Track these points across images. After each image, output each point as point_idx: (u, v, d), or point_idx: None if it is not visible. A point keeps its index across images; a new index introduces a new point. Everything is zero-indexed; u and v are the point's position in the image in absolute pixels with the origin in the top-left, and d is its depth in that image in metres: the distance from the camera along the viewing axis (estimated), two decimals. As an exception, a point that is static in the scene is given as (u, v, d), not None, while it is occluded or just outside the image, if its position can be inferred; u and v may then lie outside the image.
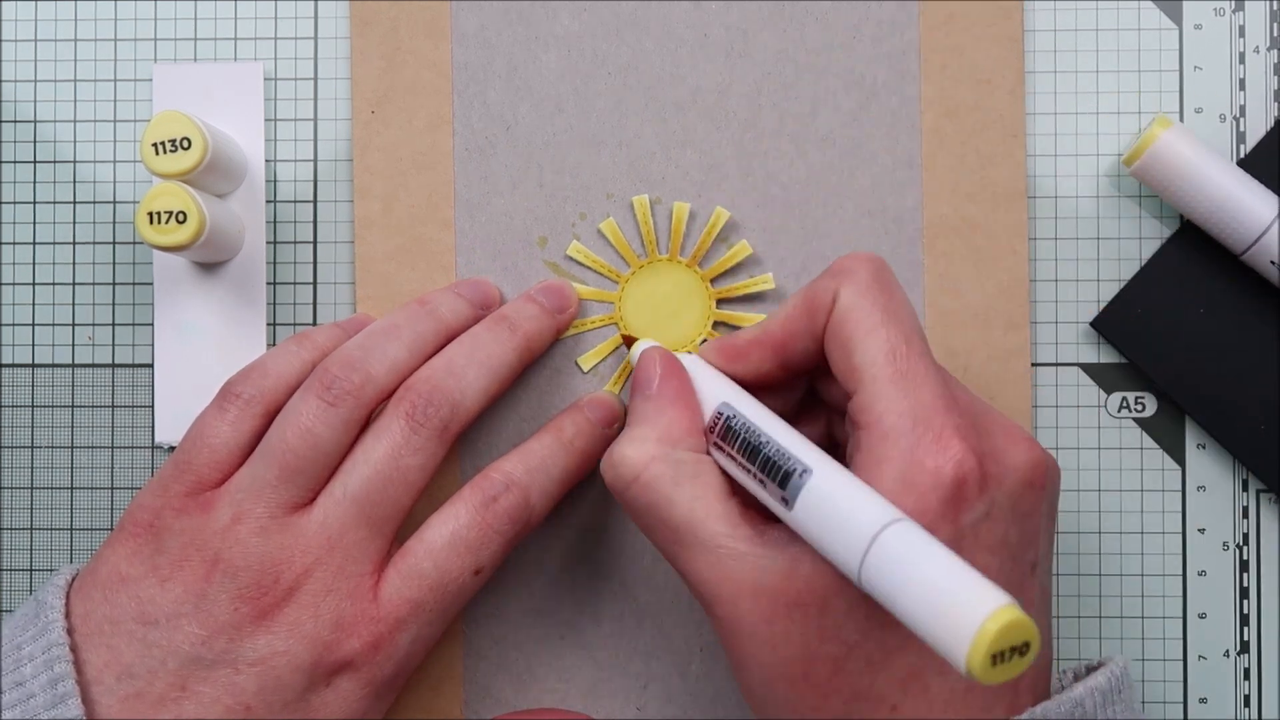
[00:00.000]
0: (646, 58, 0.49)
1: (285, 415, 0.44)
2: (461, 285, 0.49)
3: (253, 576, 0.42)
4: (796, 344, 0.43)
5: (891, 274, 0.42)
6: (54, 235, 0.51)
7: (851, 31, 0.49)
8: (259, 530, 0.43)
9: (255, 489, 0.43)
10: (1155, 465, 0.50)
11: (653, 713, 0.49)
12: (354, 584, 0.43)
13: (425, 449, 0.44)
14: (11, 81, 0.51)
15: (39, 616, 0.43)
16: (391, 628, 0.43)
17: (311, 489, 0.44)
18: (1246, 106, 0.50)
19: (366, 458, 0.44)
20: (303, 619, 0.43)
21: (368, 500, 0.43)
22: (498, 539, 0.45)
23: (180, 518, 0.43)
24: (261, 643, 0.42)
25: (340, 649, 0.43)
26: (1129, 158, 0.48)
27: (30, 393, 0.51)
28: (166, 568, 0.43)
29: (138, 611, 0.42)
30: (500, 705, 0.49)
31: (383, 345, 0.45)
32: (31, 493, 0.51)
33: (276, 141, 0.51)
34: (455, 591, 0.44)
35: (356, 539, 0.43)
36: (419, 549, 0.44)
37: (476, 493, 0.45)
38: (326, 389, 0.44)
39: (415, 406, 0.44)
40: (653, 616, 0.50)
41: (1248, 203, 0.47)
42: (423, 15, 0.50)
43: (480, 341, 0.46)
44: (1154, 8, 0.50)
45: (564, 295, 0.49)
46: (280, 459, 0.43)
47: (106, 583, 0.43)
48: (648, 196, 0.49)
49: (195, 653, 0.42)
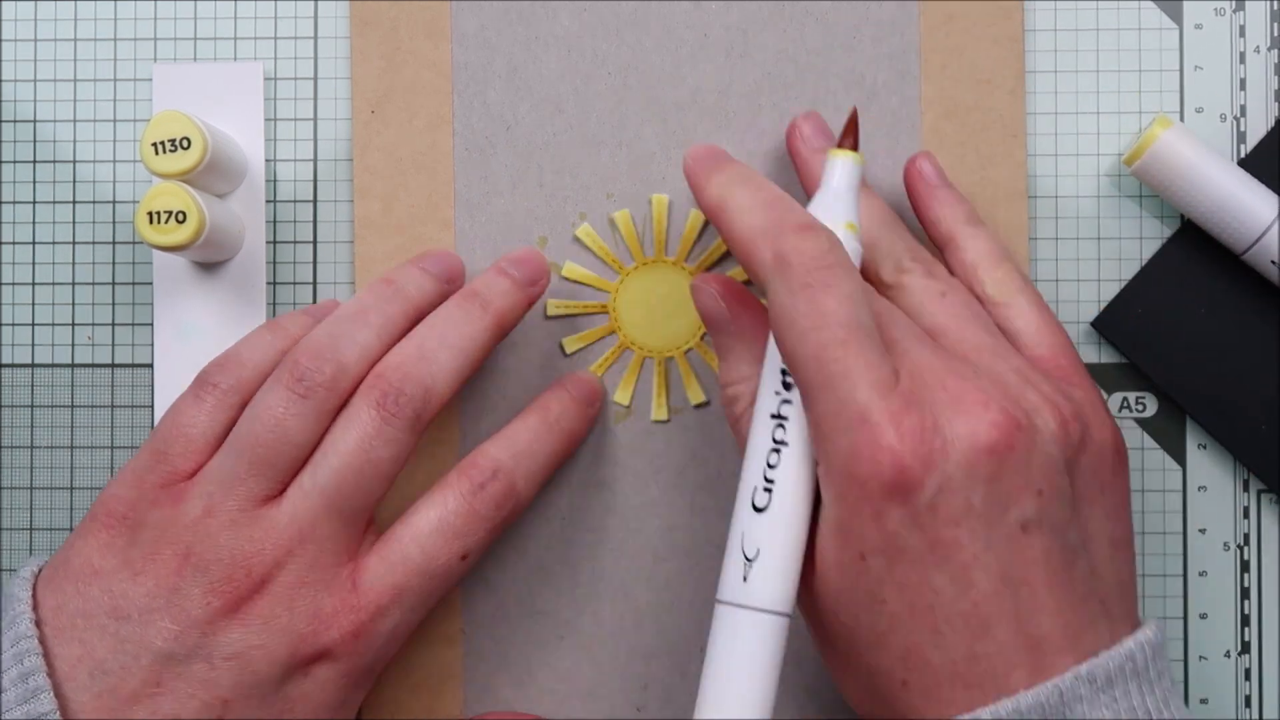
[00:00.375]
0: (646, 58, 0.49)
1: (255, 407, 0.43)
2: (426, 259, 0.47)
3: (224, 570, 0.42)
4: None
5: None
6: (54, 235, 0.51)
7: (852, 32, 0.49)
8: (229, 523, 0.42)
9: (225, 482, 0.43)
10: (1156, 465, 0.50)
11: (652, 713, 0.49)
12: (329, 575, 0.43)
13: (397, 440, 0.43)
14: (11, 81, 0.51)
15: (6, 610, 0.42)
16: (373, 615, 0.43)
17: (282, 481, 0.43)
18: (1247, 106, 0.50)
19: (336, 449, 0.43)
20: (276, 611, 0.42)
21: (338, 493, 0.43)
22: (485, 525, 0.45)
23: (153, 509, 0.43)
24: (235, 636, 0.42)
25: (319, 639, 0.43)
26: (1129, 157, 0.48)
27: (30, 393, 0.51)
28: (139, 561, 0.42)
29: (110, 605, 0.42)
30: (500, 705, 0.49)
31: (351, 332, 0.44)
32: (31, 493, 0.51)
33: (276, 141, 0.51)
34: (441, 577, 0.44)
35: (329, 531, 0.43)
36: (405, 534, 0.44)
37: (463, 479, 0.45)
38: (297, 380, 0.43)
39: (386, 395, 0.43)
40: (653, 617, 0.50)
41: (1248, 202, 0.47)
42: (423, 15, 0.50)
43: (452, 322, 0.45)
44: (1154, 8, 0.50)
45: (536, 266, 0.48)
46: (251, 451, 0.43)
47: (79, 575, 0.43)
48: (668, 196, 0.49)
49: (168, 648, 0.42)
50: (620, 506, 0.50)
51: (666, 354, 0.50)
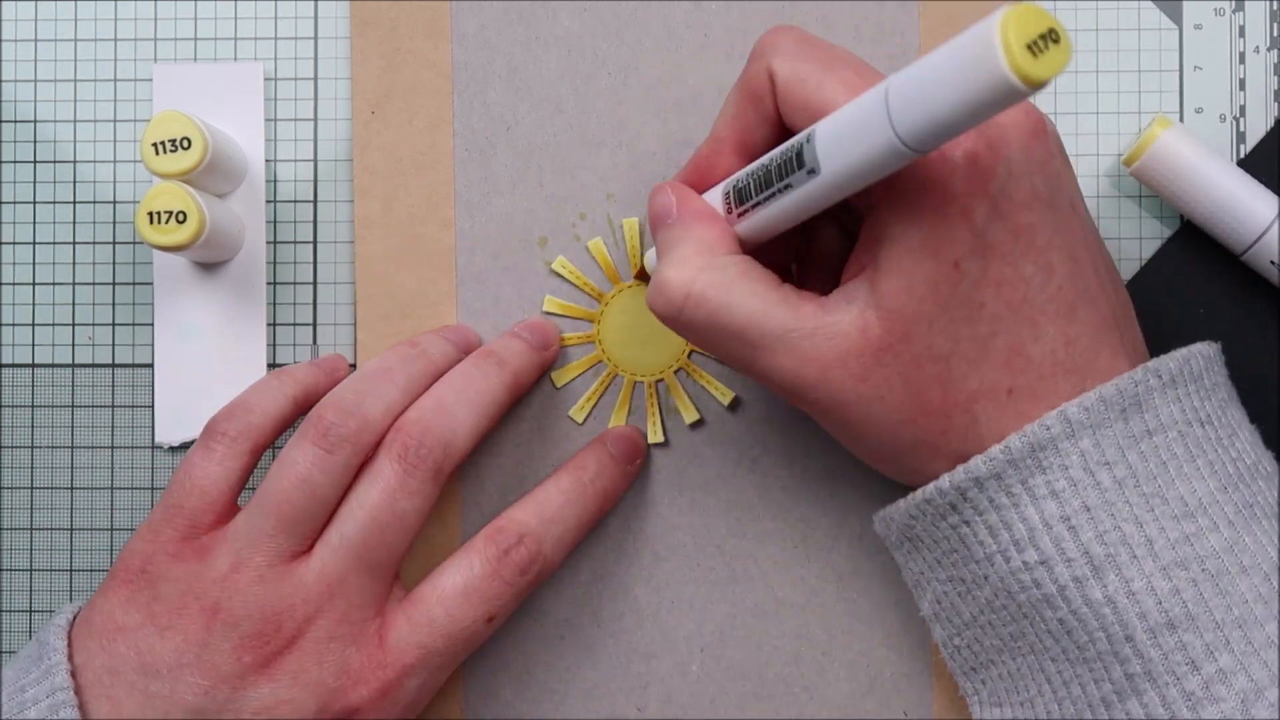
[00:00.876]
0: (647, 58, 0.49)
1: (281, 464, 0.43)
2: (446, 330, 0.49)
3: (254, 625, 0.42)
4: (754, 135, 0.43)
5: (810, 33, 0.42)
6: (54, 235, 0.51)
7: (851, 32, 0.49)
8: (258, 579, 0.42)
9: (253, 538, 0.43)
10: (1155, 465, 0.50)
11: (653, 713, 0.49)
12: (358, 630, 0.43)
13: (420, 491, 0.43)
14: (11, 81, 0.51)
15: (42, 659, 0.42)
16: (400, 674, 0.43)
17: (309, 537, 0.43)
18: (1246, 106, 0.50)
19: (361, 503, 0.43)
20: (306, 666, 0.42)
21: (365, 546, 0.43)
22: (510, 590, 0.45)
23: (175, 564, 0.43)
24: (265, 691, 0.42)
25: (347, 696, 0.43)
26: (1129, 158, 0.48)
27: (30, 393, 0.51)
28: (164, 616, 0.42)
29: (138, 662, 0.42)
30: (500, 704, 0.49)
31: (377, 388, 0.45)
32: (31, 493, 0.51)
33: (276, 141, 0.51)
34: (466, 639, 0.44)
35: (357, 585, 0.43)
36: (430, 596, 0.44)
37: (490, 544, 0.45)
38: (323, 435, 0.43)
39: (408, 448, 0.43)
40: (653, 617, 0.50)
41: (1248, 203, 0.47)
42: (423, 15, 0.49)
43: (469, 379, 0.46)
44: (1154, 8, 0.50)
45: (547, 332, 0.49)
46: (278, 509, 0.43)
47: (102, 632, 0.43)
48: (638, 219, 0.49)
49: (198, 703, 0.42)
50: (620, 506, 0.50)
51: (656, 376, 0.50)
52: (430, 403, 0.45)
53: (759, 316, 0.40)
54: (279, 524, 0.43)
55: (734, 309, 0.41)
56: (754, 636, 0.49)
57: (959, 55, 0.33)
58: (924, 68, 0.34)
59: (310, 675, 0.42)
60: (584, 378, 0.50)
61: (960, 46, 0.33)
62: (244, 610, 0.42)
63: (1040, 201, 0.39)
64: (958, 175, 0.38)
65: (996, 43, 0.32)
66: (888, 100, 0.35)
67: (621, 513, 0.50)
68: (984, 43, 0.32)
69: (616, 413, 0.50)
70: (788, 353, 0.40)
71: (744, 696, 0.49)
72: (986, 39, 0.32)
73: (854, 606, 0.49)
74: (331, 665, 0.43)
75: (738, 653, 0.49)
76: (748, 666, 0.49)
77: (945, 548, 0.42)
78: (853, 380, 0.40)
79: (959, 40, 0.33)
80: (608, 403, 0.50)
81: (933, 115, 0.34)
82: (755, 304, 0.41)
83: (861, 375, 0.40)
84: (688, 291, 0.41)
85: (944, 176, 0.38)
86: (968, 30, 0.33)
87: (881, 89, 0.36)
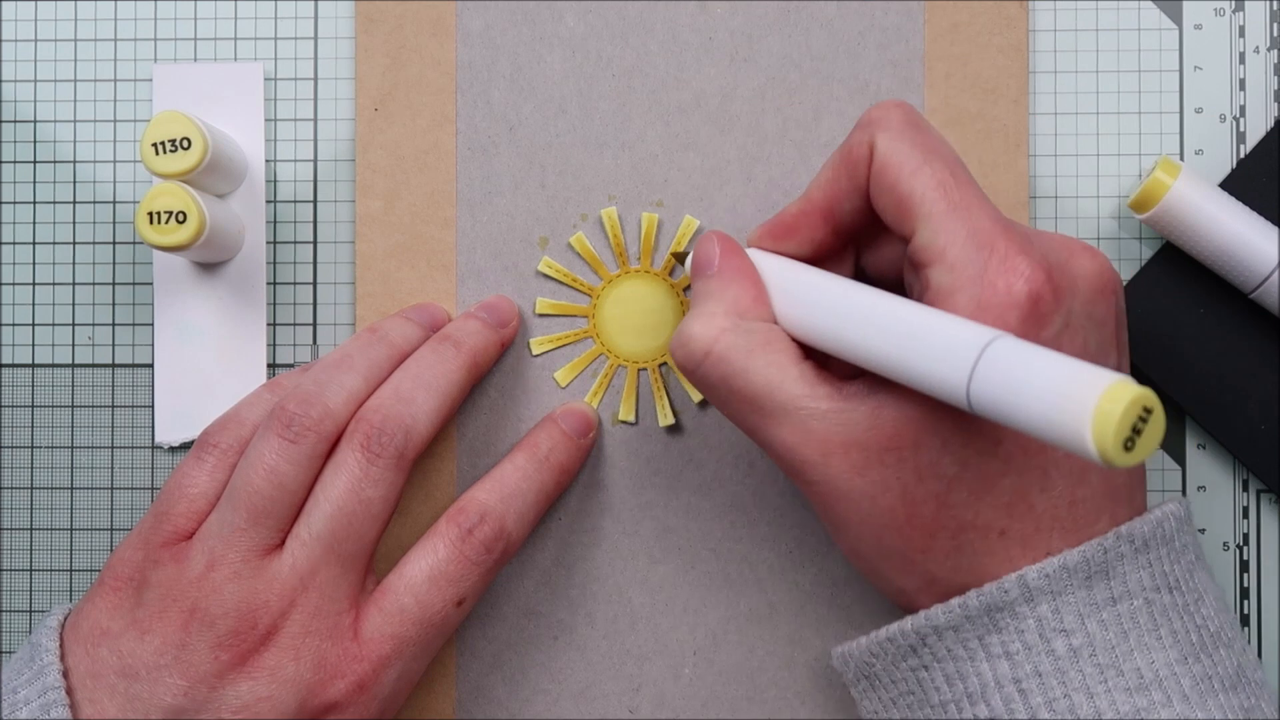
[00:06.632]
0: (651, 60, 0.49)
1: (248, 458, 0.44)
2: (409, 310, 0.49)
3: (230, 624, 0.42)
4: (842, 205, 0.43)
5: (921, 115, 0.42)
6: (54, 235, 0.51)
7: (856, 38, 0.49)
8: (233, 575, 0.42)
9: (225, 534, 0.43)
10: (1155, 465, 0.50)
11: (645, 714, 0.49)
12: (332, 622, 0.43)
13: (384, 479, 0.44)
14: (11, 81, 0.51)
15: (34, 660, 0.42)
16: (376, 666, 0.43)
17: (281, 530, 0.43)
18: (1246, 106, 0.50)
19: (328, 495, 0.43)
20: (284, 662, 0.43)
21: (334, 537, 0.43)
22: (477, 570, 0.45)
23: (157, 569, 0.43)
24: (244, 689, 0.42)
25: (326, 691, 0.43)
26: (1137, 203, 0.48)
27: (30, 393, 0.51)
28: (146, 620, 0.43)
29: (119, 665, 0.42)
30: (493, 705, 0.50)
31: (337, 377, 0.45)
32: (31, 493, 0.51)
33: (276, 141, 0.50)
34: (439, 624, 0.44)
35: (329, 577, 0.43)
36: (399, 585, 0.44)
37: (452, 526, 0.45)
38: (286, 426, 0.43)
39: (369, 437, 0.44)
40: (646, 619, 0.50)
41: (1254, 246, 0.47)
42: (428, 14, 0.49)
43: (426, 363, 0.46)
44: (1154, 8, 0.50)
45: (504, 310, 0.49)
46: (248, 501, 0.43)
47: (88, 637, 0.43)
48: (616, 209, 0.49)
49: (178, 703, 0.42)
50: (616, 508, 0.50)
51: (658, 360, 0.50)
52: (389, 391, 0.45)
53: (774, 387, 0.41)
54: (250, 516, 0.43)
55: (751, 375, 0.41)
56: (747, 641, 0.50)
57: (1059, 391, 0.33)
58: (1029, 370, 0.34)
59: (288, 671, 0.43)
60: (586, 374, 0.50)
61: (1062, 385, 0.33)
62: (220, 609, 0.42)
63: (1087, 360, 0.38)
64: (1015, 312, 0.38)
65: (1089, 437, 0.32)
66: (977, 364, 0.35)
67: (617, 515, 0.50)
68: (1077, 420, 0.32)
69: (625, 401, 0.50)
70: (794, 428, 0.40)
71: (736, 700, 0.49)
72: (1078, 423, 0.32)
73: (848, 612, 0.49)
74: (309, 660, 0.43)
75: (731, 656, 0.49)
76: (740, 670, 0.49)
77: (903, 688, 0.42)
78: (851, 471, 0.40)
79: (1064, 380, 0.33)
80: (614, 391, 0.50)
81: (1008, 417, 0.34)
82: (773, 374, 0.41)
83: (860, 469, 0.40)
84: (709, 350, 0.41)
85: (1001, 306, 0.38)
86: (1071, 364, 0.33)
87: (982, 341, 0.35)
